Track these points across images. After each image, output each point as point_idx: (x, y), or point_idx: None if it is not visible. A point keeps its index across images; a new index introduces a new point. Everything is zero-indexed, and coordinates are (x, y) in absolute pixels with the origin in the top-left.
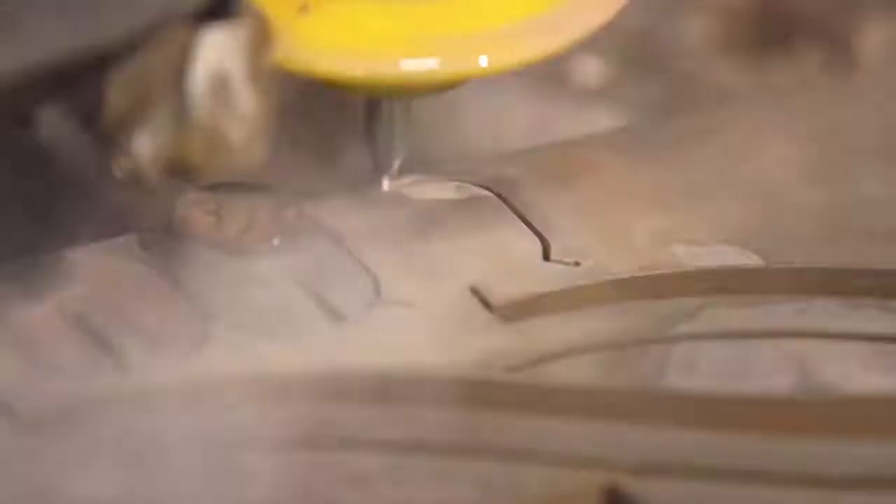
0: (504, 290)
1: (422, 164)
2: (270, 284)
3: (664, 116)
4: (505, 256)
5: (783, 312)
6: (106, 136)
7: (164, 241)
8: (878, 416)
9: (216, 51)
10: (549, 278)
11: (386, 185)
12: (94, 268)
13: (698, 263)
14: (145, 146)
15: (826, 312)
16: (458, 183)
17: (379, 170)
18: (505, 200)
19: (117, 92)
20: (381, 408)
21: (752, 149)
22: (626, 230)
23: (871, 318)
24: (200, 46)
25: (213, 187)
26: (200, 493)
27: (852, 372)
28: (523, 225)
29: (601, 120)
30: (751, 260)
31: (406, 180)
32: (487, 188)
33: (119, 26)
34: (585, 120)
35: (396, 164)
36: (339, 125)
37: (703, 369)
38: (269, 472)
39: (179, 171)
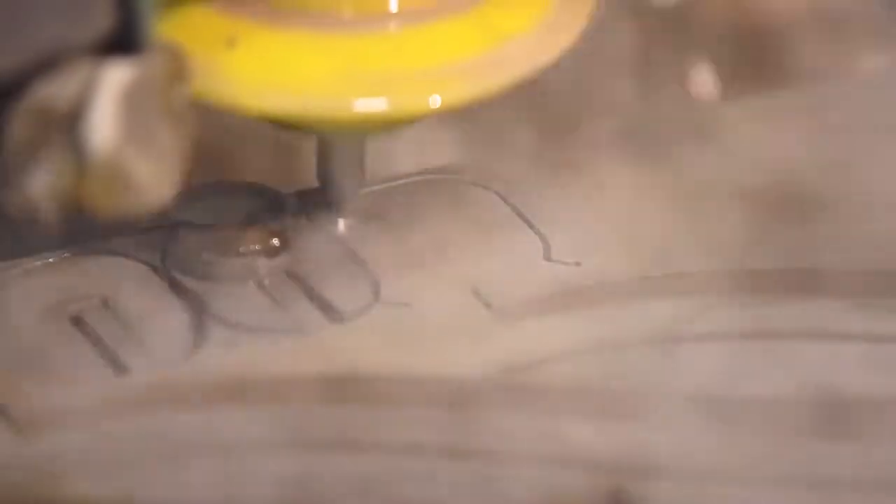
0: (504, 289)
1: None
2: (267, 284)
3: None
4: (505, 256)
5: (786, 313)
6: (3, 169)
7: (160, 241)
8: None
9: (120, 85)
10: (550, 278)
11: (342, 225)
12: (89, 268)
13: (703, 264)
14: (40, 183)
15: (830, 312)
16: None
17: (335, 210)
18: (505, 199)
19: (14, 124)
20: (378, 409)
21: (746, 152)
22: (628, 230)
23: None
24: (103, 80)
25: (209, 187)
26: (199, 494)
27: (854, 374)
28: (524, 224)
29: None
30: (749, 261)
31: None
32: (487, 187)
33: (9, 57)
34: None
35: (351, 204)
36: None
37: (706, 370)
38: (266, 473)
39: (78, 209)
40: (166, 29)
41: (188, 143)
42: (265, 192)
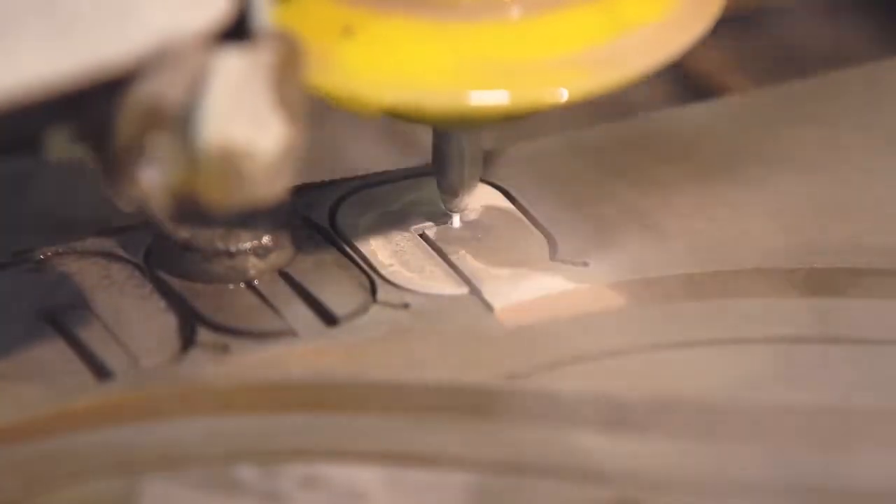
0: (508, 291)
1: None
2: (258, 284)
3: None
4: (509, 256)
5: (800, 316)
6: (113, 163)
7: (148, 240)
8: None
9: (233, 75)
10: (556, 279)
11: (457, 221)
12: (70, 268)
13: (708, 265)
14: (152, 176)
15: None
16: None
17: (449, 206)
18: (511, 198)
19: (125, 117)
20: (377, 417)
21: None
22: (634, 230)
23: None
24: (215, 71)
25: None
26: None
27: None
28: (529, 223)
29: None
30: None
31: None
32: (494, 185)
33: (117, 48)
34: None
35: (466, 201)
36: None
37: (715, 379)
38: (261, 483)
39: (191, 204)
40: (281, 16)
41: (302, 134)
42: None
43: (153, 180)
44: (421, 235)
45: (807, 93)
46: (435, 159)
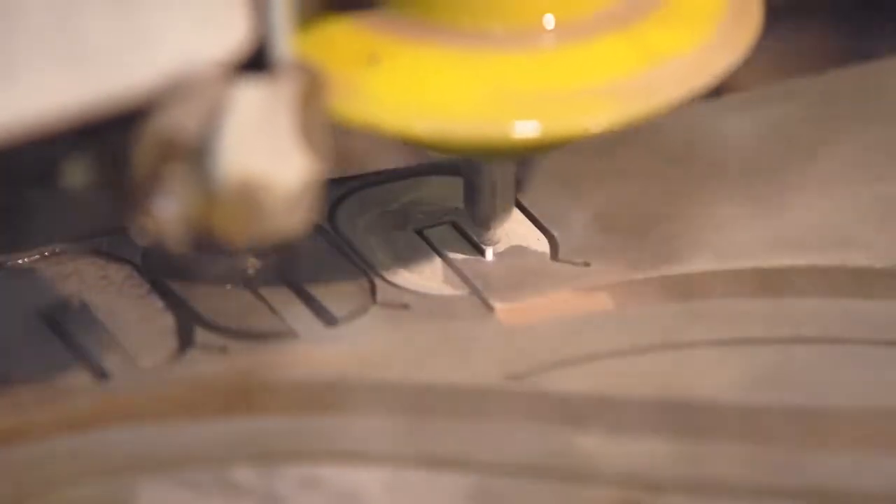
0: (508, 291)
1: None
2: (259, 284)
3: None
4: (510, 255)
5: (790, 316)
6: (129, 194)
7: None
8: None
9: (253, 106)
10: (557, 279)
11: (490, 254)
12: (66, 269)
13: (709, 265)
14: (169, 209)
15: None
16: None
17: (481, 239)
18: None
19: (142, 148)
20: (377, 417)
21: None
22: (635, 231)
23: None
24: (234, 100)
25: None
26: None
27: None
28: (530, 222)
29: None
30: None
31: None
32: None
33: (134, 78)
34: None
35: (499, 234)
36: None
37: (715, 379)
38: (260, 484)
39: (208, 236)
40: (303, 45)
41: (324, 165)
42: None
43: (170, 212)
44: (421, 235)
45: (814, 90)
46: (465, 191)
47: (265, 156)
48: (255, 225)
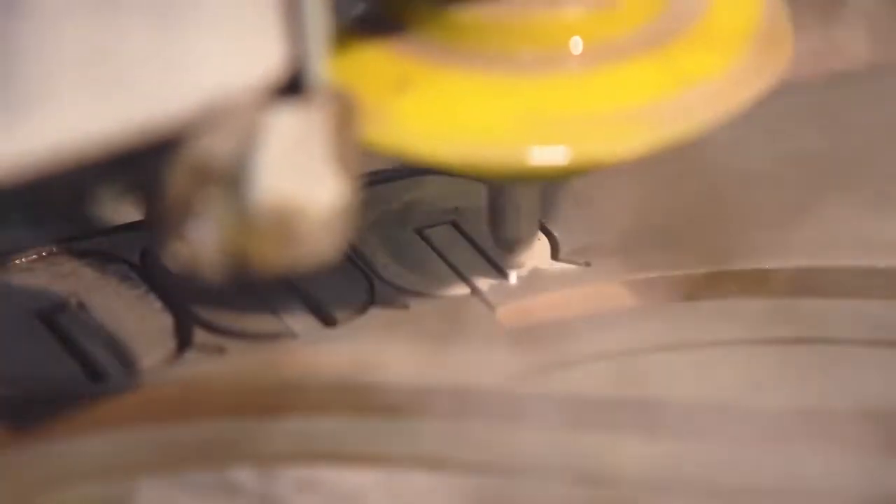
0: (509, 291)
1: None
2: (255, 286)
3: None
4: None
5: (790, 316)
6: (162, 220)
7: (142, 241)
8: None
9: (287, 132)
10: (558, 279)
11: (514, 278)
12: (64, 268)
13: (709, 266)
14: (203, 236)
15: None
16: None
17: (506, 262)
18: None
19: (176, 174)
20: (376, 419)
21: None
22: (636, 231)
23: None
24: (269, 127)
25: None
26: None
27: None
28: None
29: None
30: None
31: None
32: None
33: (167, 105)
34: None
35: (524, 257)
36: None
37: (716, 379)
38: (258, 486)
39: (243, 263)
40: (336, 69)
41: (357, 191)
42: None
43: (203, 238)
44: (420, 235)
45: (813, 91)
46: (490, 214)
47: (300, 181)
48: (290, 250)
